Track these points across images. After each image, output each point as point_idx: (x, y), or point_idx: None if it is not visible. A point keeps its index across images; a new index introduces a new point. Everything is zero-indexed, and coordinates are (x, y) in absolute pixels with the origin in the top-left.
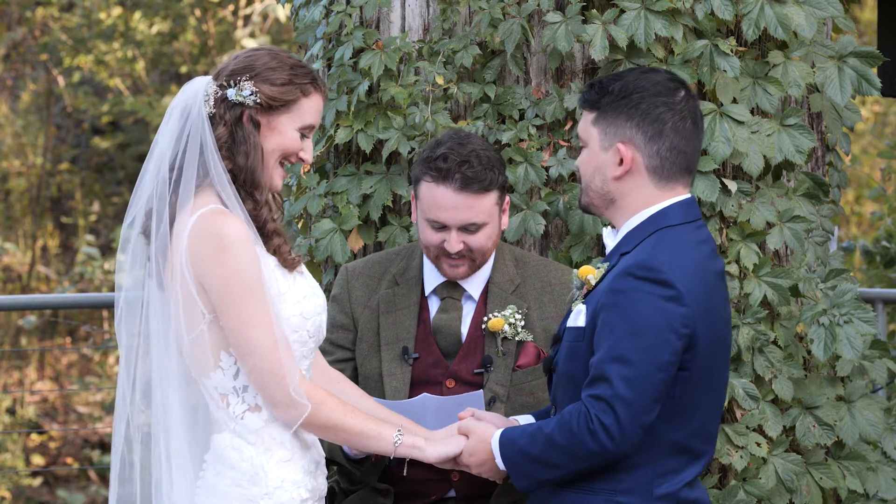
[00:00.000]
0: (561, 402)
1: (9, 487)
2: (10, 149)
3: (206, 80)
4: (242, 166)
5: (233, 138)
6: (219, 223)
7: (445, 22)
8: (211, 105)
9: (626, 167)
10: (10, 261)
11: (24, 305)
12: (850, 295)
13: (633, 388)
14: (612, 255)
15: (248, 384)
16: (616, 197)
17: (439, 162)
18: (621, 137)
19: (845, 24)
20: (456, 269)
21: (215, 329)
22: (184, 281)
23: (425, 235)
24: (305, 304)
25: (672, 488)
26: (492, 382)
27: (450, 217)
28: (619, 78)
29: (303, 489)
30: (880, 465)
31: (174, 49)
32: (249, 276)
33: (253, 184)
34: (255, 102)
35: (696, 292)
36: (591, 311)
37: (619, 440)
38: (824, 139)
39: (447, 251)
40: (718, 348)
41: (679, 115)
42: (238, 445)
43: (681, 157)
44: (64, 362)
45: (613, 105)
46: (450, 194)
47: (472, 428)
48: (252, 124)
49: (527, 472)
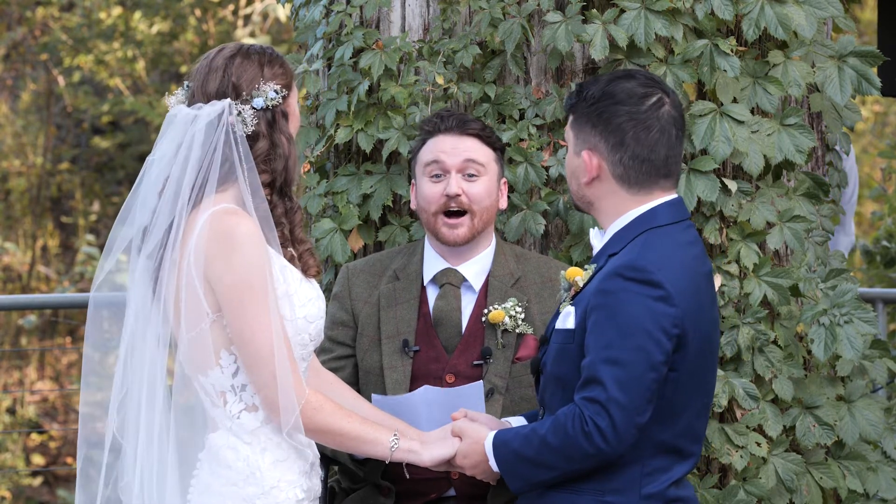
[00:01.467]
0: (549, 403)
1: (9, 487)
2: (11, 148)
3: (225, 104)
4: (280, 170)
5: (273, 147)
6: (231, 223)
7: (445, 22)
8: (250, 125)
9: (593, 174)
10: (10, 260)
11: (25, 305)
12: (851, 295)
13: (627, 389)
14: (599, 255)
15: (246, 383)
16: (592, 200)
17: (435, 119)
18: (588, 145)
19: (845, 24)
20: (455, 231)
21: (218, 328)
22: (190, 278)
23: (425, 192)
24: (310, 308)
25: (659, 487)
26: (491, 374)
27: (449, 157)
28: (596, 83)
29: (298, 489)
30: (880, 465)
31: (174, 49)
32: (258, 278)
33: (288, 181)
34: (282, 97)
35: (685, 292)
36: (580, 313)
37: (615, 442)
38: (824, 139)
39: (447, 202)
40: (706, 349)
41: (642, 125)
42: (234, 445)
43: (646, 166)
44: (64, 362)
45: (584, 111)
46: (449, 138)
47: (465, 430)
48: (283, 118)
49: (521, 474)
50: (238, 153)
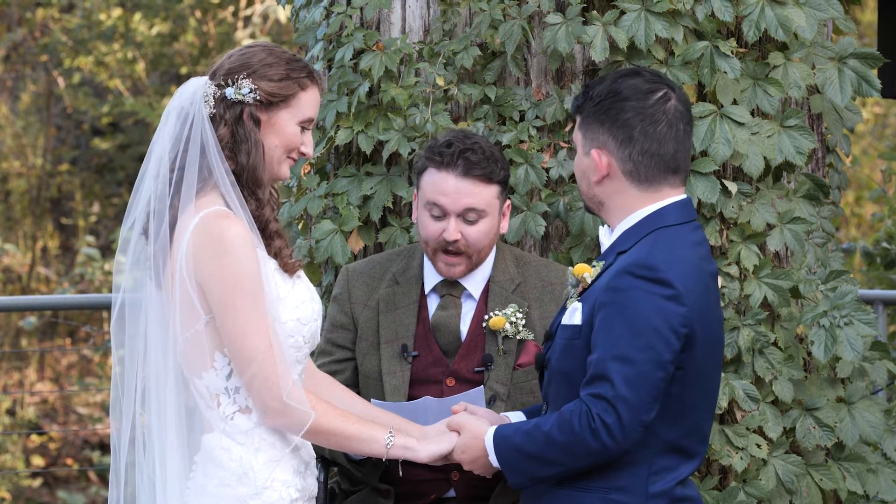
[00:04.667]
0: (553, 398)
1: (9, 488)
2: (11, 150)
3: (203, 81)
4: (245, 165)
5: (234, 138)
6: (222, 226)
7: (446, 23)
8: (211, 105)
9: (603, 172)
10: (10, 262)
11: (25, 306)
12: (851, 296)
13: (634, 387)
14: (608, 253)
15: (240, 386)
16: (602, 200)
17: (443, 148)
18: (597, 143)
19: (846, 26)
20: (452, 269)
21: (211, 329)
22: (182, 280)
23: (425, 227)
24: (303, 310)
25: (666, 486)
26: (492, 381)
27: (450, 202)
28: (602, 82)
29: (292, 489)
30: (880, 467)
31: (174, 50)
32: (249, 281)
33: (255, 182)
34: (254, 100)
35: (694, 292)
36: (587, 309)
37: (621, 439)
38: (824, 140)
39: (445, 243)
40: (713, 348)
41: (649, 119)
42: (227, 445)
43: (655, 160)
44: (64, 363)
45: (592, 111)
46: (452, 179)
47: (465, 424)
48: (252, 121)
49: (522, 469)
50: (206, 134)
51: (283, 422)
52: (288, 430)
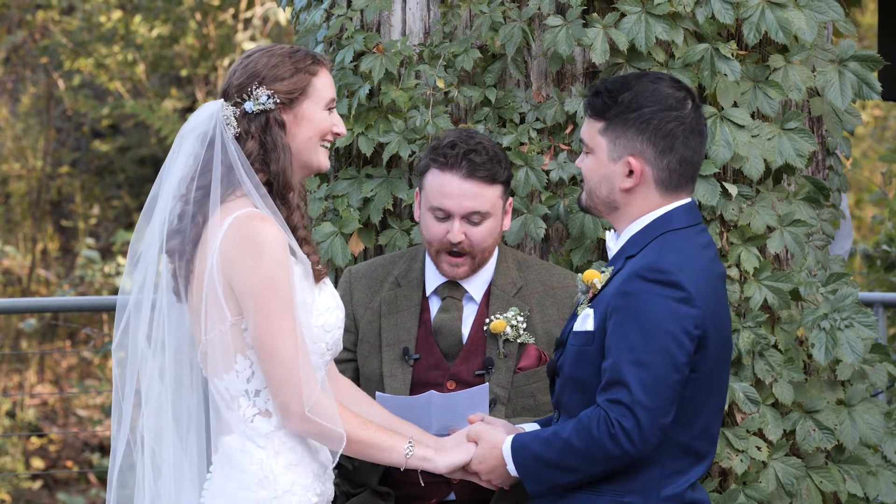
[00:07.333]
0: (567, 405)
1: (9, 490)
2: (11, 152)
3: (219, 105)
4: (276, 172)
5: (264, 147)
6: (257, 227)
7: (446, 25)
8: (234, 126)
9: (636, 180)
10: (10, 264)
11: (25, 308)
12: (851, 299)
13: (652, 391)
14: (616, 258)
15: (260, 388)
16: (621, 205)
17: (447, 149)
18: (631, 151)
19: (846, 28)
20: (456, 269)
21: (236, 332)
22: (211, 281)
23: (428, 228)
24: (328, 317)
25: (677, 489)
26: (493, 384)
27: (454, 204)
28: (626, 87)
29: (311, 493)
30: (880, 469)
31: (174, 52)
32: (282, 282)
33: (286, 186)
34: (275, 104)
35: (705, 294)
36: (599, 315)
37: (640, 444)
38: (825, 143)
39: (449, 244)
40: (723, 350)
41: (689, 129)
42: (248, 448)
43: (688, 168)
44: (64, 365)
45: (623, 118)
46: (456, 181)
47: (482, 434)
48: (278, 126)
49: (541, 477)
50: (231, 154)
51: (302, 428)
52: (307, 437)
